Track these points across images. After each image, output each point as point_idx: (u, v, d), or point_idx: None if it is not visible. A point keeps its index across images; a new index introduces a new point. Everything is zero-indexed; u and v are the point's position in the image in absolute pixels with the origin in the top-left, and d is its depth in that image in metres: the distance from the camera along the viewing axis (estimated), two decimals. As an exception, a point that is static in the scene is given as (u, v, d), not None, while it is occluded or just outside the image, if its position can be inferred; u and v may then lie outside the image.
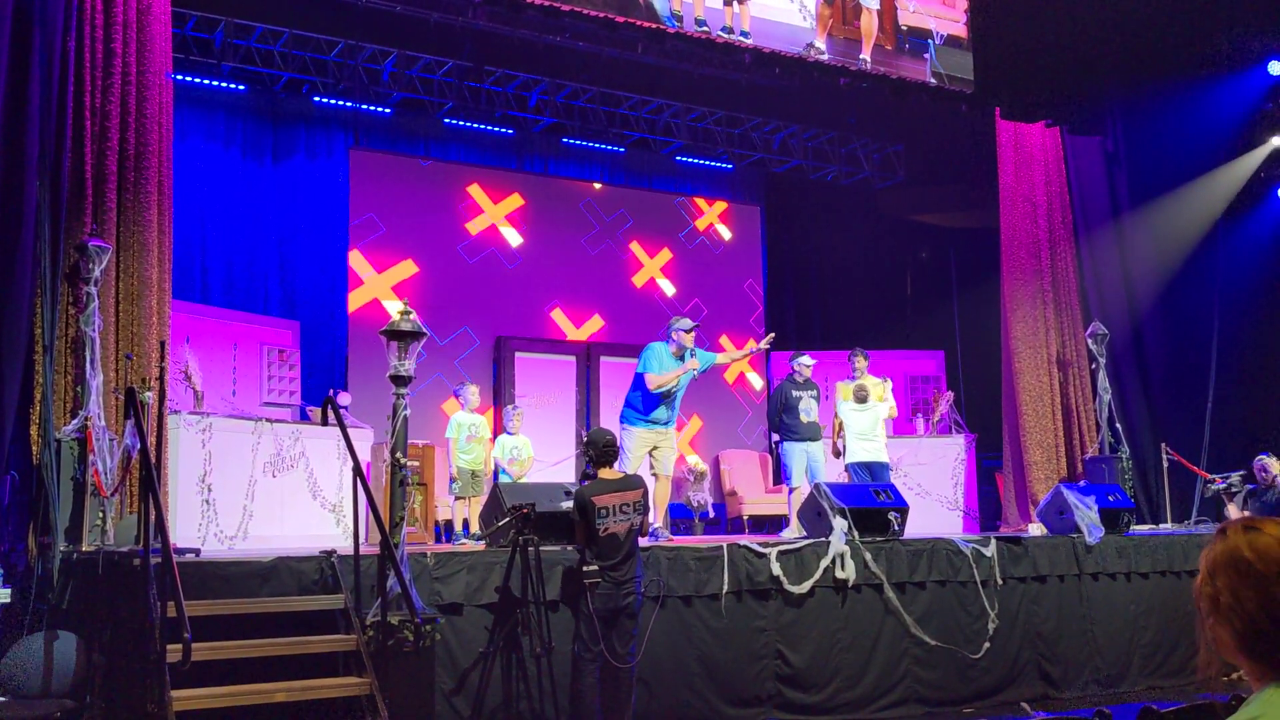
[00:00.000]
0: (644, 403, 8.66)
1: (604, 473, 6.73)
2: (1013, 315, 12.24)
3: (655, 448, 8.71)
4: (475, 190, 13.30)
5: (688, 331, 8.77)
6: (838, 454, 10.18)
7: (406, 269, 12.65)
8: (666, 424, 8.76)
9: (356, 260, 12.35)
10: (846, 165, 15.36)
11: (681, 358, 8.68)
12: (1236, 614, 1.83)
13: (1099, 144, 13.15)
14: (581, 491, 6.63)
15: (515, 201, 13.52)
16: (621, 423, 8.77)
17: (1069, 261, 12.65)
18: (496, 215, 13.34)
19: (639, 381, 8.68)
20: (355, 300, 12.31)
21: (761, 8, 11.05)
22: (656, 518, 8.69)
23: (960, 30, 12.30)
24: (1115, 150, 13.10)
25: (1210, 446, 12.19)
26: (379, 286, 12.44)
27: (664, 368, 8.62)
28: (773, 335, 9.22)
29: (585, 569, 6.45)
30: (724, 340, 14.27)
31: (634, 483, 6.75)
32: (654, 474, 8.75)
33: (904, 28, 11.89)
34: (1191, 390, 12.58)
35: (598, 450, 6.76)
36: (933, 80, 11.98)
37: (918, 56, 11.96)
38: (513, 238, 13.41)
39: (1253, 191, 12.79)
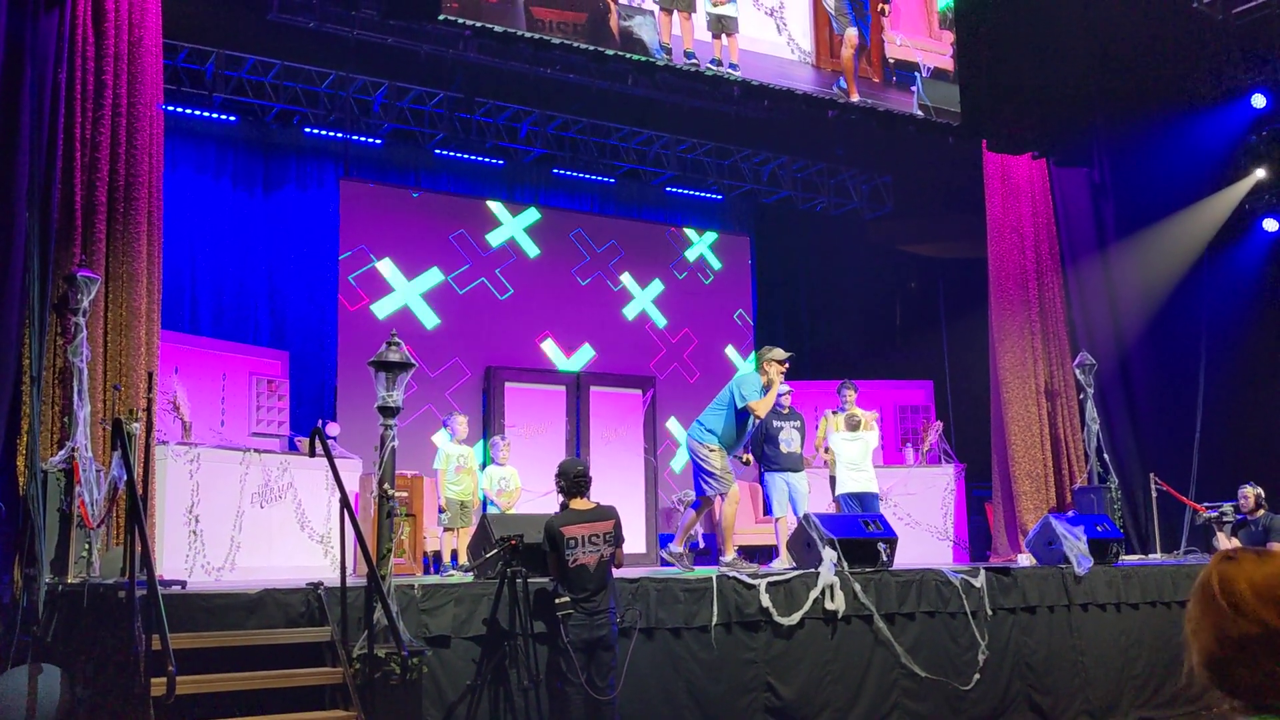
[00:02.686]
0: (727, 432, 8.66)
1: (575, 503, 6.69)
2: (1001, 345, 12.29)
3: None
4: (465, 221, 13.33)
5: (781, 363, 8.78)
6: (825, 449, 10.21)
7: (397, 299, 12.65)
8: (734, 454, 8.89)
9: (347, 289, 12.36)
10: (835, 196, 15.46)
11: (766, 389, 8.72)
12: (1198, 642, 1.85)
13: (1085, 175, 13.26)
14: (550, 522, 6.59)
15: (505, 232, 13.55)
16: (701, 440, 8.71)
17: (1056, 292, 12.72)
18: (487, 246, 13.37)
19: (731, 410, 8.66)
20: (344, 330, 12.29)
21: (750, 41, 11.13)
22: (724, 546, 8.65)
23: (947, 63, 12.41)
24: (1102, 182, 13.20)
25: (1198, 476, 12.22)
26: (368, 315, 12.43)
27: (761, 396, 8.70)
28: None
29: (557, 601, 6.42)
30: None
31: (605, 513, 6.68)
32: (719, 494, 8.69)
33: (891, 61, 12.00)
34: (1179, 420, 12.62)
35: (569, 480, 6.72)
36: (919, 112, 12.07)
37: (905, 89, 12.06)
38: (503, 268, 13.42)
39: (1238, 223, 12.89)
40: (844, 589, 7.95)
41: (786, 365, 8.85)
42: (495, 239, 13.44)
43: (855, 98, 11.65)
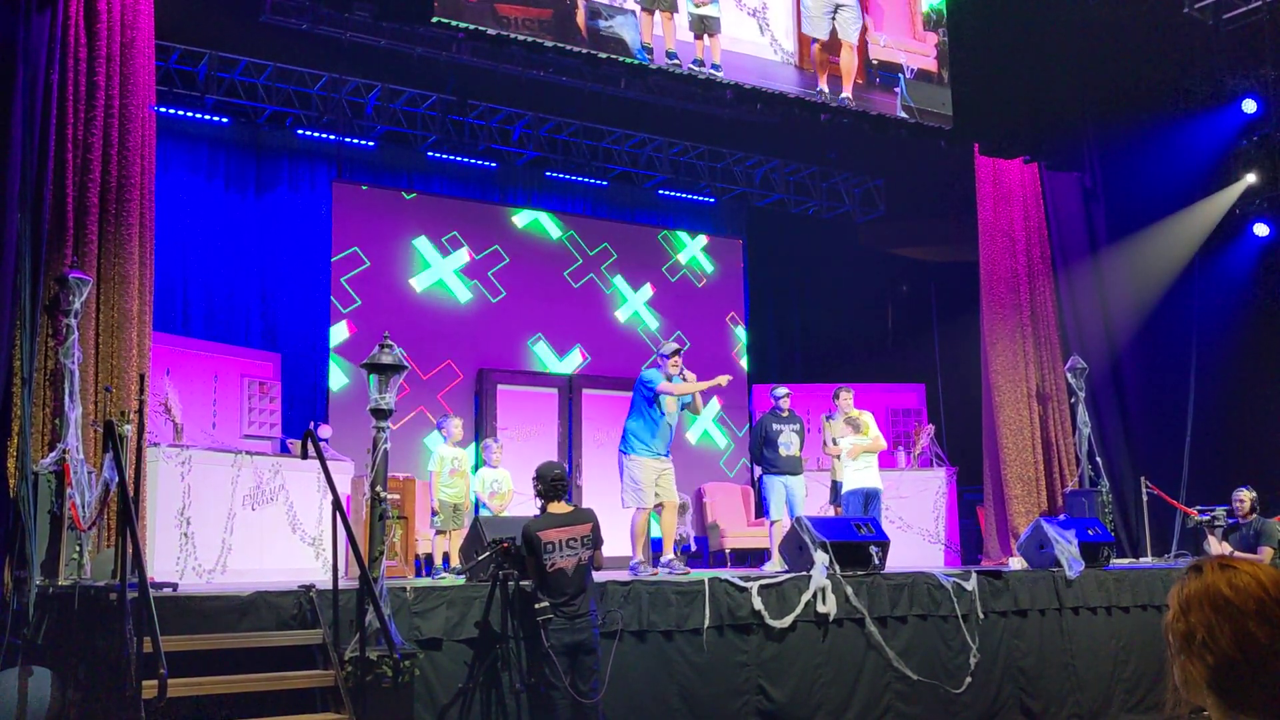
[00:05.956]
0: (648, 432, 8.58)
1: (552, 507, 6.66)
2: (992, 349, 12.32)
3: (660, 474, 8.63)
4: (458, 223, 13.31)
5: (669, 356, 8.78)
6: (834, 451, 10.19)
7: (389, 300, 12.63)
8: (667, 455, 8.74)
9: (340, 291, 12.33)
10: (828, 199, 15.48)
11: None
12: (1210, 650, 1.83)
13: (1077, 180, 13.29)
14: (528, 527, 6.55)
15: (498, 235, 13.55)
16: (626, 452, 8.64)
17: (1048, 296, 12.75)
18: (479, 248, 13.36)
19: (643, 409, 8.61)
20: (335, 333, 12.27)
21: (732, 41, 11.08)
22: (666, 548, 8.62)
23: (930, 64, 12.37)
24: (1093, 186, 13.24)
25: (1189, 480, 12.25)
26: (362, 317, 12.41)
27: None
28: (731, 377, 9.24)
29: (537, 605, 6.40)
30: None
31: (583, 516, 6.66)
32: (659, 503, 8.62)
33: (874, 62, 11.95)
34: (1170, 424, 12.66)
35: (545, 484, 6.68)
36: (903, 114, 12.03)
37: (888, 90, 12.02)
38: (495, 270, 13.41)
39: (1228, 227, 12.94)
40: (836, 592, 7.96)
41: (678, 357, 8.81)
42: (488, 241, 13.43)
43: (824, 87, 11.52)
